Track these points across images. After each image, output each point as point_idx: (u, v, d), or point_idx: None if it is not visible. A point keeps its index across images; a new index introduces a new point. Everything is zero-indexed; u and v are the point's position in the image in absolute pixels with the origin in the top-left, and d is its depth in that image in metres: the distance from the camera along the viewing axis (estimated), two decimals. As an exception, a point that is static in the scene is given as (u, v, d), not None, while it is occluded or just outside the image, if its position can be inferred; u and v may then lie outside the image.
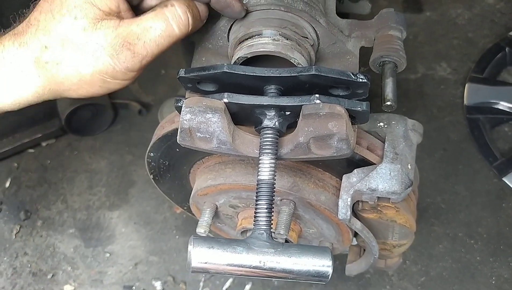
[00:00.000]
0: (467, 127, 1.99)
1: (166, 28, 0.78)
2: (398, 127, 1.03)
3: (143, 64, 0.80)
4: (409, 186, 0.97)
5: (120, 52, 0.77)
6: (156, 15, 0.78)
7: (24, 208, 1.93)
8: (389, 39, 0.91)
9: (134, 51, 0.77)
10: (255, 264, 0.78)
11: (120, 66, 0.78)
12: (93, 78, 0.79)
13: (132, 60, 0.78)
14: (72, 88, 0.81)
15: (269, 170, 0.81)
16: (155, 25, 0.78)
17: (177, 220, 1.88)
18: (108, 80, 0.80)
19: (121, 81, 0.81)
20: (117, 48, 0.77)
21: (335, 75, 0.79)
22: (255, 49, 0.84)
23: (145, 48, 0.78)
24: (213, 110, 0.81)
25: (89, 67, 0.78)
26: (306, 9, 0.88)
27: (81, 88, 0.81)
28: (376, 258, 1.17)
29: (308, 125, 0.79)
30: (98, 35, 0.76)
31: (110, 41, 0.76)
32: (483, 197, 1.86)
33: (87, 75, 0.78)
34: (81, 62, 0.78)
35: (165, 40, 0.79)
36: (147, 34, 0.78)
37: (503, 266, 1.73)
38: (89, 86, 0.80)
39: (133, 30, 0.77)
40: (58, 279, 1.80)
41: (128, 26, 0.77)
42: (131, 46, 0.77)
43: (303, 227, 1.19)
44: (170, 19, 0.79)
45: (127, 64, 0.78)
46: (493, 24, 2.22)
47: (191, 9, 0.81)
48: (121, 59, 0.77)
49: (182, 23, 0.80)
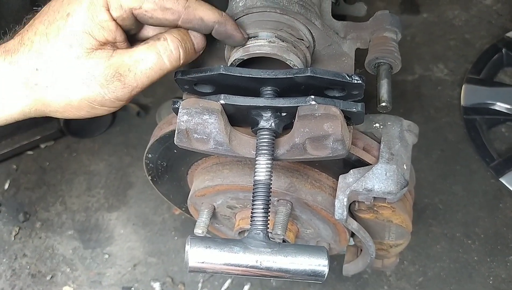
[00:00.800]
0: (464, 128, 2.00)
1: (157, 61, 0.79)
2: (394, 128, 1.04)
3: (133, 94, 0.80)
4: (405, 186, 0.98)
5: (110, 83, 0.78)
6: (148, 48, 0.79)
7: (23, 210, 1.93)
8: (384, 40, 0.92)
9: (125, 82, 0.78)
10: (251, 264, 0.79)
11: (109, 95, 0.79)
12: (81, 104, 0.79)
13: (122, 90, 0.79)
14: (59, 111, 0.81)
15: (265, 170, 0.82)
16: (146, 57, 0.78)
17: (176, 222, 1.89)
18: (96, 107, 0.80)
19: (109, 108, 0.81)
20: (108, 78, 0.77)
21: (330, 76, 0.80)
22: (251, 51, 0.85)
23: (136, 80, 0.78)
24: (209, 112, 0.81)
25: (78, 93, 0.78)
26: (301, 11, 0.89)
27: (68, 111, 0.81)
28: (373, 258, 1.18)
29: (303, 126, 0.80)
30: (90, 64, 0.77)
31: (102, 71, 0.77)
32: (480, 198, 1.87)
33: (75, 101, 0.79)
34: (70, 88, 0.78)
35: (155, 73, 0.79)
36: (138, 66, 0.78)
37: (500, 266, 1.74)
38: (76, 111, 0.81)
39: (125, 61, 0.78)
40: (57, 281, 1.80)
41: (120, 57, 0.78)
42: (122, 77, 0.78)
43: (300, 228, 1.19)
44: (162, 52, 0.79)
45: (117, 94, 0.79)
46: (490, 26, 2.23)
47: (184, 44, 0.81)
48: (111, 89, 0.78)
49: (173, 57, 0.80)
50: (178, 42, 0.80)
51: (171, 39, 0.80)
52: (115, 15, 0.76)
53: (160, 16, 0.78)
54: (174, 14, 0.78)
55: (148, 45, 0.79)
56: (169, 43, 0.79)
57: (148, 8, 0.77)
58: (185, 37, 0.81)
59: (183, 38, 0.81)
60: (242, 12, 0.88)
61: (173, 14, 0.78)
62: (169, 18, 0.78)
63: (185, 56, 0.81)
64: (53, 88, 0.78)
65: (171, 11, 0.78)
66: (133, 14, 0.77)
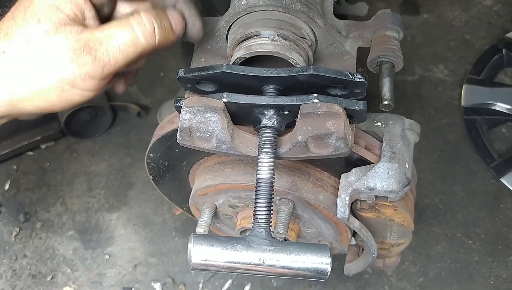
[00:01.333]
0: (464, 128, 2.00)
1: (130, 36, 0.76)
2: (396, 127, 1.04)
3: (105, 72, 0.76)
4: (407, 184, 0.98)
5: (80, 56, 0.74)
6: (121, 23, 0.77)
7: (23, 210, 1.93)
8: (386, 39, 0.92)
9: (96, 56, 0.74)
10: (254, 262, 0.78)
11: (79, 70, 0.74)
12: (50, 85, 0.75)
13: (93, 65, 0.75)
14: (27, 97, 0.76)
15: (268, 168, 0.82)
16: (119, 32, 0.76)
17: (176, 222, 1.89)
18: (66, 89, 0.76)
19: (81, 91, 0.77)
20: (77, 52, 0.74)
21: (333, 74, 0.80)
22: (253, 49, 0.85)
23: (108, 54, 0.75)
24: (212, 110, 0.82)
25: (47, 71, 0.74)
26: (304, 10, 0.89)
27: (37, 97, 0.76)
28: (375, 257, 1.18)
29: (306, 124, 0.80)
30: (60, 38, 0.74)
31: (71, 45, 0.74)
32: (481, 198, 1.87)
33: (43, 81, 0.75)
34: (38, 67, 0.74)
35: (129, 48, 0.76)
36: (110, 41, 0.75)
37: (501, 266, 1.74)
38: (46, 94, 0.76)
39: (96, 35, 0.75)
40: (57, 281, 1.80)
41: (91, 32, 0.75)
42: (92, 50, 0.74)
43: (302, 227, 1.19)
44: (135, 26, 0.76)
45: (87, 69, 0.75)
46: (490, 26, 2.24)
47: (159, 19, 0.78)
48: (81, 62, 0.74)
49: (147, 32, 0.77)
50: (152, 17, 0.78)
51: (145, 14, 0.77)
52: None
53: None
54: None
55: (121, 21, 0.77)
56: (142, 17, 0.77)
57: None
58: (161, 14, 0.79)
59: (158, 14, 0.79)
60: (245, 10, 0.89)
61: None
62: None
63: (161, 33, 0.79)
64: (19, 71, 0.75)
65: None
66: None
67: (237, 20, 0.90)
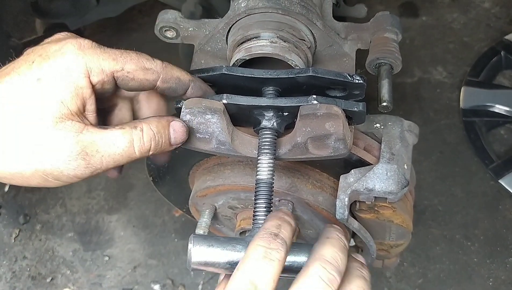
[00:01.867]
0: (463, 130, 2.01)
1: (128, 149, 0.75)
2: (394, 128, 1.04)
3: (93, 175, 0.75)
4: (406, 185, 0.98)
5: (74, 160, 0.71)
6: (123, 134, 0.74)
7: (23, 212, 1.93)
8: (384, 41, 0.93)
9: (89, 162, 0.72)
10: (254, 262, 0.79)
11: (68, 172, 0.72)
12: (34, 175, 0.72)
13: (84, 170, 0.73)
14: (6, 177, 0.73)
15: (267, 169, 0.82)
16: (118, 143, 0.74)
17: (176, 224, 1.89)
18: (50, 180, 0.73)
19: (63, 183, 0.74)
20: (72, 155, 0.71)
21: (332, 76, 0.81)
22: (253, 51, 0.86)
23: (101, 162, 0.73)
24: (212, 111, 0.82)
25: (34, 165, 0.71)
26: (303, 12, 0.90)
27: (16, 179, 0.73)
28: (374, 258, 1.18)
29: (305, 125, 0.80)
30: (58, 137, 0.70)
31: (68, 146, 0.70)
32: (480, 199, 1.88)
33: (28, 171, 0.71)
34: (25, 158, 0.71)
35: (123, 159, 0.75)
36: (108, 149, 0.73)
37: (500, 267, 1.75)
38: (25, 180, 0.73)
39: (95, 141, 0.72)
40: (57, 283, 1.80)
41: (91, 136, 0.72)
42: (87, 157, 0.72)
43: (301, 228, 1.20)
44: (135, 142, 0.75)
45: (76, 173, 0.72)
46: (489, 28, 2.25)
47: (159, 137, 0.77)
48: (73, 166, 0.71)
49: (144, 149, 0.76)
50: (152, 135, 0.77)
51: (146, 131, 0.76)
52: (94, 81, 0.73)
53: (142, 76, 0.76)
54: (154, 74, 0.77)
55: (123, 131, 0.75)
56: (144, 134, 0.76)
57: (130, 69, 0.75)
58: (162, 130, 0.78)
59: (158, 131, 0.78)
60: (244, 12, 0.89)
61: (153, 74, 0.77)
62: (149, 78, 0.77)
63: (156, 149, 0.78)
64: (3, 154, 0.70)
65: (151, 71, 0.77)
66: (114, 77, 0.74)
67: (237, 22, 0.91)
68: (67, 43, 0.73)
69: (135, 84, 0.77)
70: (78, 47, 0.73)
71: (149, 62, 0.77)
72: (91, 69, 0.72)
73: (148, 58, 0.77)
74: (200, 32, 0.99)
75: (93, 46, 0.74)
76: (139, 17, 2.31)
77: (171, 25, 0.99)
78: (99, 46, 0.74)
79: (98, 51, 0.73)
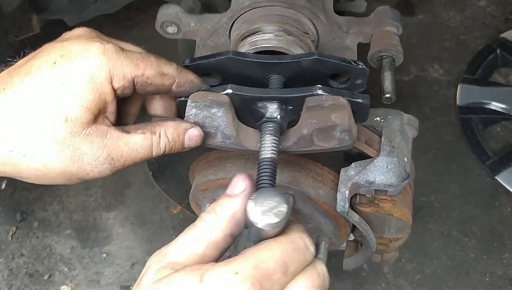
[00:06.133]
0: (460, 127, 2.02)
1: (147, 154, 0.78)
2: (394, 122, 1.05)
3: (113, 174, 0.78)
4: (406, 178, 0.99)
5: (100, 164, 0.74)
6: (144, 140, 0.77)
7: (20, 209, 1.93)
8: (386, 34, 0.94)
9: (114, 165, 0.75)
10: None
11: (93, 174, 0.75)
12: (59, 176, 0.74)
13: (109, 172, 0.76)
14: (30, 178, 0.75)
15: (271, 148, 0.80)
16: (140, 148, 0.77)
17: (174, 221, 1.89)
18: (73, 180, 0.76)
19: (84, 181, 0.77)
20: (100, 160, 0.73)
21: (336, 60, 0.81)
22: (258, 44, 0.86)
23: (123, 165, 0.77)
24: (218, 105, 0.82)
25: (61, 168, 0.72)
26: (307, 5, 0.90)
27: (41, 179, 0.75)
28: (374, 251, 1.18)
29: (311, 117, 0.80)
30: (84, 142, 0.72)
31: (95, 151, 0.73)
32: (476, 196, 1.89)
33: (54, 173, 0.73)
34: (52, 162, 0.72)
35: (140, 160, 0.78)
36: (131, 155, 0.76)
37: (497, 263, 1.76)
38: (52, 180, 0.75)
39: (120, 147, 0.75)
40: (54, 280, 1.80)
41: (115, 141, 0.74)
42: (113, 161, 0.75)
43: (302, 222, 1.20)
44: (154, 147, 0.78)
45: (102, 174, 0.75)
46: (485, 27, 2.26)
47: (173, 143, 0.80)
48: (98, 169, 0.74)
49: (159, 152, 0.79)
50: (167, 141, 0.80)
51: (163, 137, 0.79)
52: (116, 86, 0.74)
53: (159, 82, 0.78)
54: (170, 79, 0.79)
55: (144, 137, 0.77)
56: (161, 140, 0.79)
57: (150, 75, 0.76)
58: (177, 137, 0.81)
59: (173, 138, 0.80)
60: (249, 6, 0.89)
61: (169, 79, 0.79)
62: (166, 83, 0.78)
63: (169, 152, 0.81)
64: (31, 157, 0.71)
65: (167, 76, 0.78)
66: (133, 82, 0.76)
67: (241, 16, 0.91)
68: (92, 45, 0.73)
69: (152, 88, 0.78)
70: (102, 51, 0.73)
71: (167, 66, 0.78)
72: (114, 75, 0.73)
73: (166, 63, 0.79)
74: (202, 27, 0.99)
75: (116, 50, 0.74)
76: (136, 14, 2.31)
77: (172, 20, 0.98)
78: (122, 50, 0.75)
79: (121, 56, 0.74)
